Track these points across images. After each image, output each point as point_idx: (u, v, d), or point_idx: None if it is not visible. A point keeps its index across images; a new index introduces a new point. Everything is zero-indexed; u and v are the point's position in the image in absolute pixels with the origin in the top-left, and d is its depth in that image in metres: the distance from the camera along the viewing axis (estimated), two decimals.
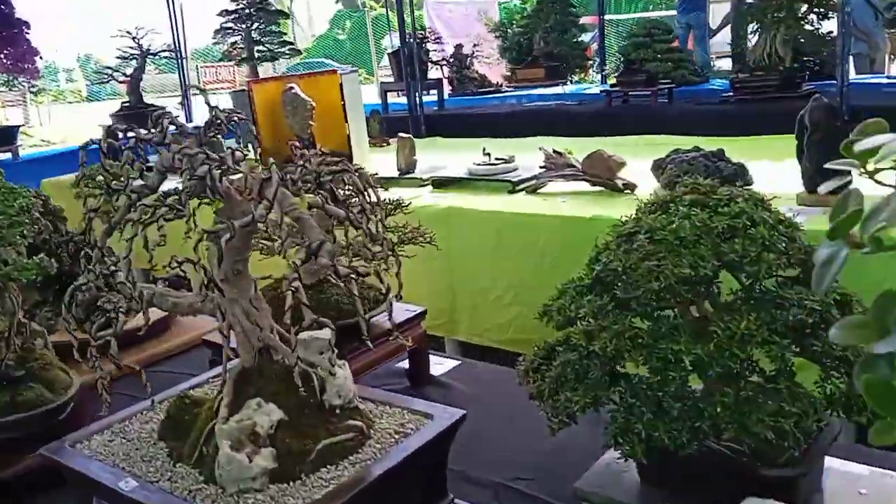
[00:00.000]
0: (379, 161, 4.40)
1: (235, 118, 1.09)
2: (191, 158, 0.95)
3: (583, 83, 8.11)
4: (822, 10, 5.09)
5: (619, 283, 1.00)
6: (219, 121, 1.07)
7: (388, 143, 5.46)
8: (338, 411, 1.16)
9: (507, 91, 7.77)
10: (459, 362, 2.00)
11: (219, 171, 0.95)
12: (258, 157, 4.31)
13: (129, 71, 6.33)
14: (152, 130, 1.03)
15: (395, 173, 4.00)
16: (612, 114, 6.02)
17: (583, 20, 8.21)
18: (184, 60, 7.41)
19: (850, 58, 5.83)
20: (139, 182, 1.02)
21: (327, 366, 1.12)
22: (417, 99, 6.23)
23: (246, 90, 7.23)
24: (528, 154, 3.74)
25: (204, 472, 1.12)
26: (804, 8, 5.09)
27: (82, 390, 1.63)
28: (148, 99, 6.86)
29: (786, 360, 0.95)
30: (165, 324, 2.26)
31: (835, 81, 5.63)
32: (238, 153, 1.00)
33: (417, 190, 3.65)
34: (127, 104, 6.27)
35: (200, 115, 9.81)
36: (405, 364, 1.92)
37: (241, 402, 1.12)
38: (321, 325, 1.00)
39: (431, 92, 7.12)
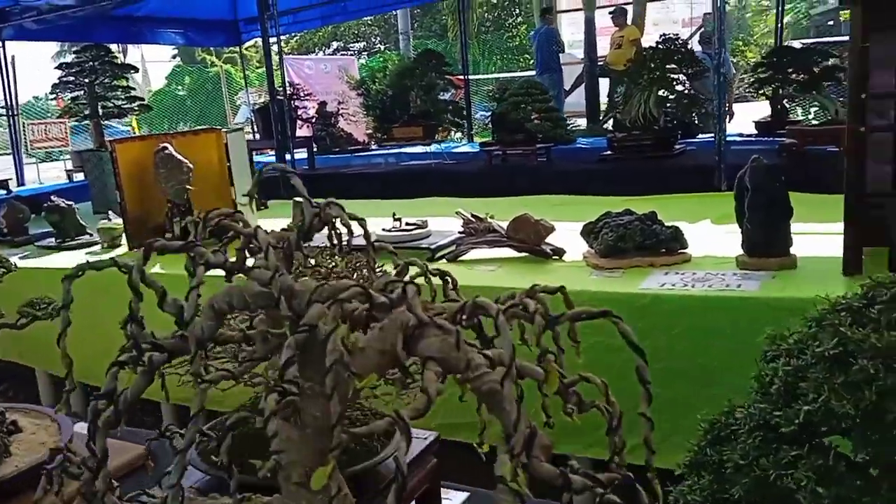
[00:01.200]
0: (268, 227, 3.97)
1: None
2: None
3: (445, 141, 8.08)
4: (692, 72, 5.32)
5: (855, 433, 0.73)
6: (317, 221, 0.73)
7: (266, 206, 5.04)
8: None
9: (374, 150, 7.57)
10: (468, 493, 1.56)
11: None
12: (126, 228, 3.77)
13: None
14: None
15: None
16: (492, 172, 5.96)
17: None
18: (15, 118, 6.60)
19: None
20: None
21: None
22: (290, 158, 5.87)
23: (92, 150, 6.52)
24: (430, 216, 3.50)
25: None
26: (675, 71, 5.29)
27: None
28: None
29: None
30: None
31: (701, 139, 5.94)
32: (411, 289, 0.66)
33: None
34: None
35: (30, 178, 8.78)
36: None
37: None
38: None
39: (296, 150, 6.76)
